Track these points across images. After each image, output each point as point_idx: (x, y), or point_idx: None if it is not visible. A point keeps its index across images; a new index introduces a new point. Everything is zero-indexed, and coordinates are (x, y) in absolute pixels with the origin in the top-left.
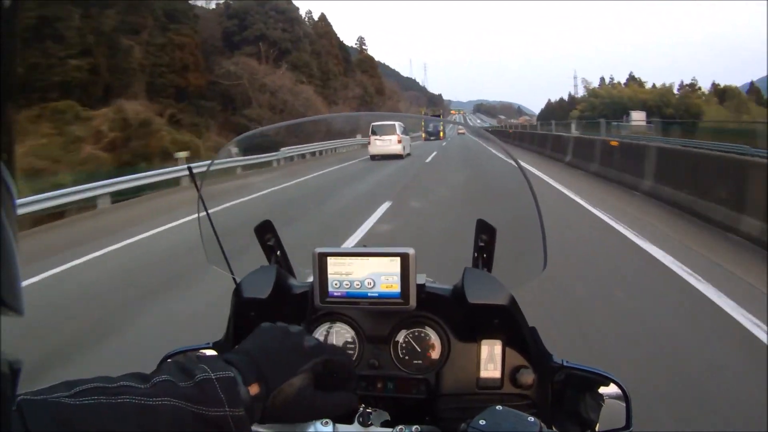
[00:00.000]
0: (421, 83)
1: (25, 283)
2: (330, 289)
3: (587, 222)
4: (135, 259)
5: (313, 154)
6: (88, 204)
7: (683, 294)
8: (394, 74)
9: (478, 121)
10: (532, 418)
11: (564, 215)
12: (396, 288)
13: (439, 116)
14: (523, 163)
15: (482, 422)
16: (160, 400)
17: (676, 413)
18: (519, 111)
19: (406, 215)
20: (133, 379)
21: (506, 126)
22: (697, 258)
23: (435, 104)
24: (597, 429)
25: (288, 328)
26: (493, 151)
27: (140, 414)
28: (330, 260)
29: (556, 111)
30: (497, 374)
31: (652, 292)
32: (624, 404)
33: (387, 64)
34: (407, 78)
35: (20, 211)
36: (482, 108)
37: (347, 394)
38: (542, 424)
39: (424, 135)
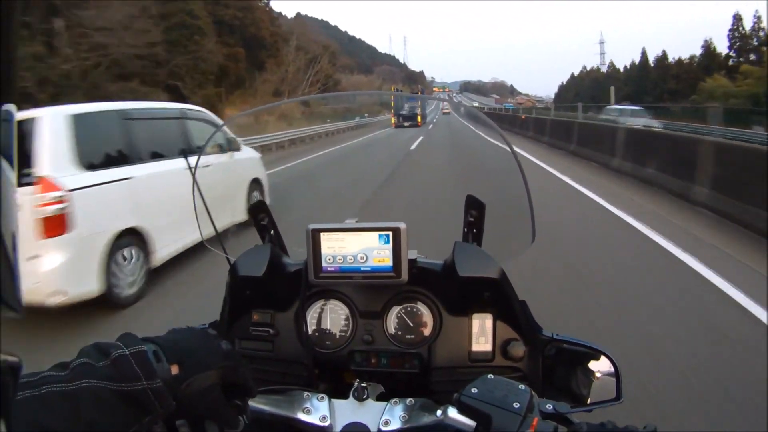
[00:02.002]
0: (402, 61)
1: None
2: (323, 264)
3: None
4: None
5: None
6: None
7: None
8: (370, 50)
9: (466, 101)
10: (523, 386)
11: None
12: (388, 262)
13: (418, 94)
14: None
15: (474, 390)
16: (79, 383)
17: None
18: (512, 90)
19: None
20: (55, 368)
21: (510, 110)
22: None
23: (415, 81)
24: (588, 402)
25: (206, 330)
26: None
27: (63, 400)
28: (323, 236)
29: (578, 89)
30: (488, 347)
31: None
32: (614, 377)
33: (362, 38)
34: (384, 54)
35: None
36: (470, 87)
37: (236, 417)
38: (533, 392)
39: (394, 119)
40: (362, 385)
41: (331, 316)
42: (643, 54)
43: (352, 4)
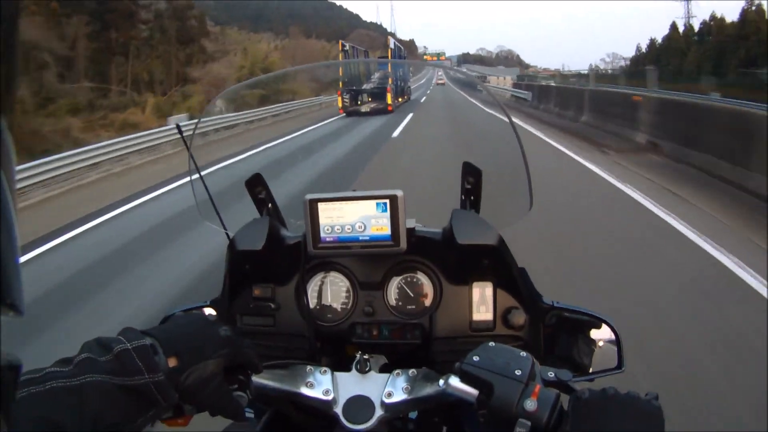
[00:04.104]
0: (390, 29)
1: None
2: (322, 234)
3: None
4: None
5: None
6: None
7: None
8: (352, 18)
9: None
10: (524, 353)
11: None
12: (386, 230)
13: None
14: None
15: (476, 358)
16: (83, 378)
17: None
18: (520, 62)
19: None
20: (58, 364)
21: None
22: None
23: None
24: (590, 371)
25: (206, 317)
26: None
27: (68, 394)
28: (321, 206)
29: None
30: (489, 316)
31: None
32: (615, 346)
33: (342, 5)
34: (369, 23)
35: None
36: (470, 59)
37: (239, 404)
38: (534, 359)
39: (341, 100)
40: (364, 357)
41: (332, 289)
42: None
43: None
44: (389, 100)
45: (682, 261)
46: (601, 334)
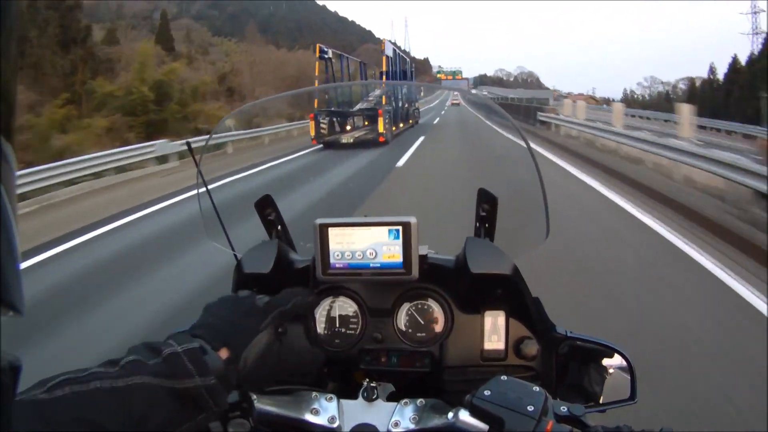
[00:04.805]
0: (403, 47)
1: None
2: (332, 260)
3: None
4: None
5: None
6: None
7: None
8: (364, 33)
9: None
10: (537, 388)
11: None
12: (398, 258)
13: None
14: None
15: (487, 392)
16: (131, 379)
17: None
18: (539, 83)
19: None
20: (104, 365)
21: None
22: None
23: (416, 70)
24: (601, 401)
25: (236, 296)
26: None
27: (113, 396)
28: (331, 231)
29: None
30: (501, 345)
31: None
32: (629, 376)
33: (354, 20)
34: (380, 39)
35: None
36: (488, 80)
37: (312, 350)
38: (547, 394)
39: (314, 126)
40: (372, 384)
41: (340, 314)
42: None
43: None
44: (381, 128)
45: None
46: (613, 363)
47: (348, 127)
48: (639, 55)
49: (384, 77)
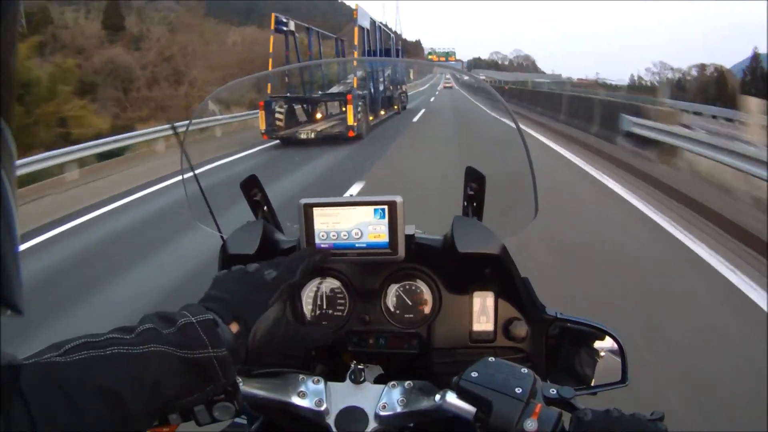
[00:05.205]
0: (394, 28)
1: None
2: (317, 240)
3: None
4: None
5: None
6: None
7: None
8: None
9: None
10: (525, 369)
11: None
12: (384, 238)
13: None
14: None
15: (474, 374)
16: (147, 347)
17: None
18: (535, 67)
19: None
20: (119, 331)
21: None
22: None
23: (405, 51)
24: (593, 384)
25: (245, 269)
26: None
27: (129, 362)
28: (316, 211)
29: None
30: (490, 327)
31: None
32: (620, 358)
33: (344, 1)
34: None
35: None
36: (483, 63)
37: (322, 327)
38: (536, 376)
39: (264, 116)
40: (359, 367)
41: (327, 296)
42: None
43: None
44: (350, 119)
45: None
46: (605, 345)
47: (319, 116)
48: (647, 40)
49: (356, 53)
